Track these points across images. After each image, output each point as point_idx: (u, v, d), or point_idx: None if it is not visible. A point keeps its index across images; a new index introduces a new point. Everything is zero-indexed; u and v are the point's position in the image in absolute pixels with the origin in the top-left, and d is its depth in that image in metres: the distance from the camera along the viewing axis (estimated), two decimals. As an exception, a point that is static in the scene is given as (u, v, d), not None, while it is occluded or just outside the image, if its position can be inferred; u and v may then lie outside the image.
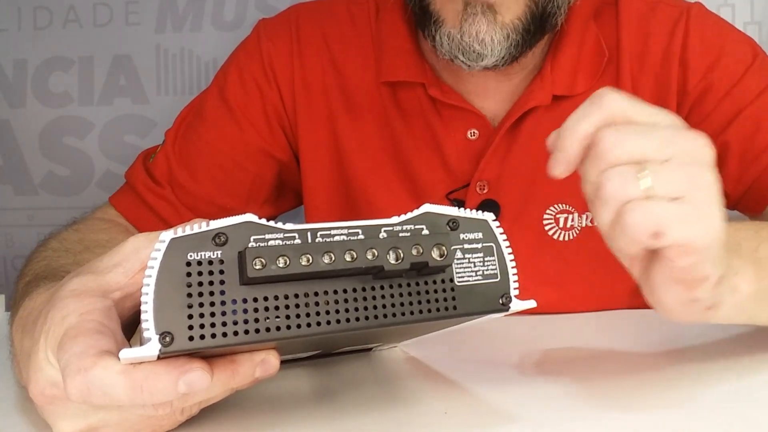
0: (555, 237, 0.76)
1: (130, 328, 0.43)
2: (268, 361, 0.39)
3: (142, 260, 0.41)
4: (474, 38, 0.65)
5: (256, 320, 0.35)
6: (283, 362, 0.40)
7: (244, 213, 0.37)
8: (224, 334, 0.35)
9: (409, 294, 0.39)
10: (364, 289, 0.38)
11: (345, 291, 0.37)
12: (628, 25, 0.76)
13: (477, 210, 0.76)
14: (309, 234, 0.37)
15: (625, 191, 0.40)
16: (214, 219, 0.36)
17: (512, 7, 0.66)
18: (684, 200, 0.40)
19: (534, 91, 0.74)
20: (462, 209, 0.42)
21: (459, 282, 0.40)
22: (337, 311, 0.37)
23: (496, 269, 0.41)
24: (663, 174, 0.41)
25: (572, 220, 0.76)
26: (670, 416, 0.44)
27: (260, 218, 0.37)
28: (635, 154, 0.41)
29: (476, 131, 0.76)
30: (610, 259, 0.48)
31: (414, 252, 0.38)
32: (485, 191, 0.76)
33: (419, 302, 0.39)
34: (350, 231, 0.38)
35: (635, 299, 0.79)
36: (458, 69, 0.71)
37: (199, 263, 0.35)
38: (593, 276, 0.77)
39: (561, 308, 0.75)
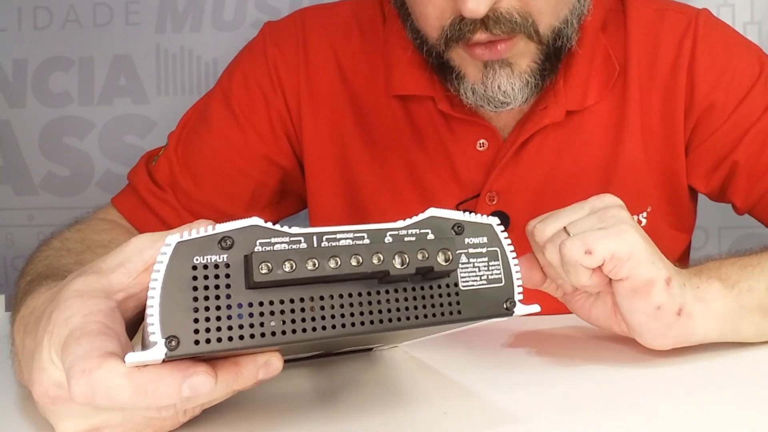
0: None
1: (133, 327, 0.43)
2: (271, 363, 0.39)
3: (145, 261, 0.41)
4: (497, 91, 0.68)
5: (262, 324, 0.36)
6: (284, 361, 0.40)
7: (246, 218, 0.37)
8: (230, 339, 0.35)
9: (414, 298, 0.39)
10: (369, 294, 0.38)
11: (350, 295, 0.38)
12: (636, 34, 0.76)
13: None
14: (315, 238, 0.37)
15: (559, 240, 0.53)
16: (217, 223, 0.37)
17: (525, 55, 0.68)
18: (601, 228, 0.52)
19: (548, 108, 0.74)
20: (467, 213, 0.42)
21: (464, 286, 0.40)
22: (343, 315, 0.37)
23: (500, 274, 0.42)
24: (580, 222, 0.54)
25: None
26: (673, 418, 0.45)
27: (265, 222, 0.37)
28: (558, 226, 0.54)
29: (485, 142, 0.76)
30: None
31: (419, 257, 0.38)
32: (495, 202, 0.76)
33: (424, 306, 0.39)
34: (356, 235, 0.38)
35: None
36: None
37: (205, 267, 0.35)
38: None
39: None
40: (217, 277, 0.35)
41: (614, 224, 0.53)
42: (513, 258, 0.42)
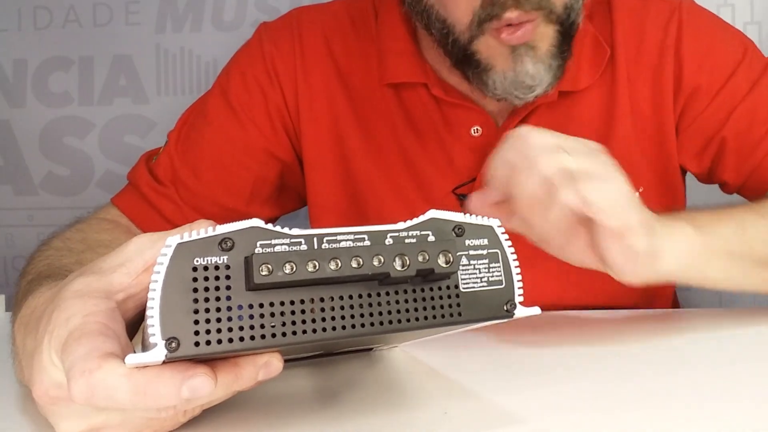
0: None
1: (133, 327, 0.43)
2: (271, 363, 0.39)
3: (145, 261, 0.41)
4: (525, 74, 0.70)
5: (262, 326, 0.35)
6: (284, 362, 0.40)
7: (247, 213, 0.37)
8: (230, 340, 0.35)
9: (414, 300, 0.39)
10: (369, 295, 0.38)
11: (351, 297, 0.38)
12: (621, 21, 0.78)
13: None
14: (315, 240, 0.37)
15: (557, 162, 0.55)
16: (217, 218, 0.36)
17: (545, 38, 0.70)
18: (594, 176, 0.55)
19: None
20: (468, 215, 0.42)
21: (464, 288, 0.40)
22: (343, 317, 0.37)
23: (501, 276, 0.42)
24: (578, 155, 0.56)
25: None
26: (673, 417, 0.45)
27: (266, 222, 0.37)
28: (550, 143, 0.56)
29: (479, 128, 0.77)
30: None
31: (420, 259, 0.38)
32: None
33: (424, 308, 0.39)
34: (356, 237, 0.38)
35: (638, 291, 0.80)
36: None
37: (206, 268, 0.35)
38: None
39: (566, 301, 0.77)
40: (217, 278, 0.35)
41: (603, 169, 0.56)
42: (514, 260, 0.42)
